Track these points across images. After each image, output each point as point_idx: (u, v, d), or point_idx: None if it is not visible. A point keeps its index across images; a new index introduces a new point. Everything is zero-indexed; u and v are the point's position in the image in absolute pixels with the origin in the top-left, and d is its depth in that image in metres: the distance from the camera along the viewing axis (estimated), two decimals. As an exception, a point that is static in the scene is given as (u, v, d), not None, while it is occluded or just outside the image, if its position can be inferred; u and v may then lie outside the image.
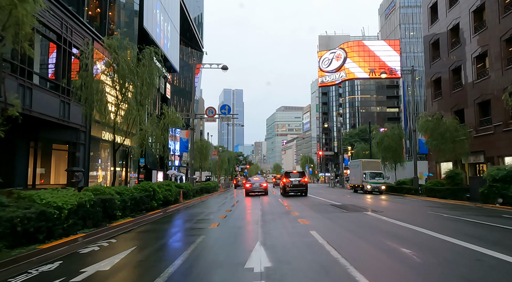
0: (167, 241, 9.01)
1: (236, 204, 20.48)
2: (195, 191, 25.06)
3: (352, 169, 35.54)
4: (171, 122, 21.43)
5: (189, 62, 60.43)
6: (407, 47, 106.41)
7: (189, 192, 22.71)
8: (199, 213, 15.94)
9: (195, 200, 23.21)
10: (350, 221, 11.60)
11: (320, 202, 20.80)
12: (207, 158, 36.55)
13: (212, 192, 33.44)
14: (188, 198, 22.51)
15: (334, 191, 37.49)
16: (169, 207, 16.77)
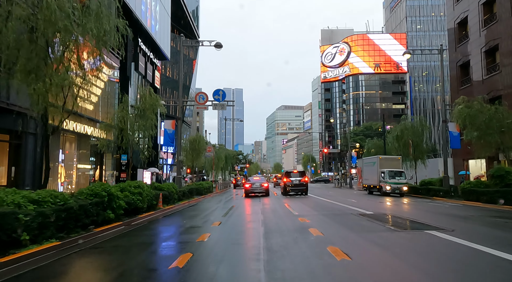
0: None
1: (230, 210, 15.99)
2: (181, 194, 20.58)
3: (366, 167, 31.06)
4: (148, 107, 16.93)
5: (184, 53, 55.97)
6: (414, 40, 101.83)
7: (172, 195, 18.22)
8: (175, 228, 11.52)
9: (181, 205, 18.72)
10: (419, 252, 6.75)
11: (341, 209, 16.25)
12: (200, 155, 32.05)
13: (206, 193, 28.96)
14: (172, 202, 18.01)
15: (345, 193, 33.02)
16: (137, 218, 12.26)
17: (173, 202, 18.29)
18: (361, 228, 9.87)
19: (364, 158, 32.66)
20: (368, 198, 24.52)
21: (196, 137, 32.45)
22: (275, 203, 20.42)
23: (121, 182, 23.40)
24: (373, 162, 29.03)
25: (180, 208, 17.69)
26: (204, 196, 27.38)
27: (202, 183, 28.80)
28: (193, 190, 24.16)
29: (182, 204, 19.02)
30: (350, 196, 27.28)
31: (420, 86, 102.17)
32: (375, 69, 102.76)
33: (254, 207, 17.73)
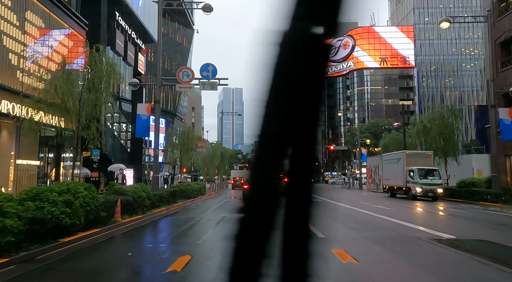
0: None
1: (217, 226, 11.00)
2: (157, 198, 15.60)
3: (387, 165, 26.05)
4: (98, 75, 11.90)
5: (177, 40, 50.99)
6: (421, 33, 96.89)
7: (141, 201, 13.23)
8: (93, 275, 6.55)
9: (153, 214, 13.74)
10: None
11: (388, 225, 11.06)
12: (190, 150, 27.07)
13: (196, 196, 24.00)
14: (140, 211, 13.04)
15: (361, 196, 28.04)
16: (54, 245, 7.26)
17: (142, 211, 13.31)
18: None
19: (384, 154, 27.65)
20: (397, 203, 19.52)
21: (184, 129, 27.43)
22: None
23: (94, 182, 18.49)
24: (397, 158, 24.01)
25: (149, 219, 12.68)
26: (193, 200, 22.42)
27: (190, 184, 23.83)
28: (176, 193, 19.15)
29: (155, 213, 14.02)
30: (371, 200, 22.26)
31: (429, 81, 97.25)
32: (381, 64, 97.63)
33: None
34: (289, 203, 1.27)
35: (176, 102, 50.53)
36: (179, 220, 13.24)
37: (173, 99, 49.73)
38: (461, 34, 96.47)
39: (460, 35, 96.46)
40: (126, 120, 33.29)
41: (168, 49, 48.83)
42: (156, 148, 17.57)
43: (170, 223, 12.45)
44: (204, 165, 37.16)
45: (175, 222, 12.84)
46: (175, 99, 50.25)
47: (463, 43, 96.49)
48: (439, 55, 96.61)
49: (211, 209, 17.09)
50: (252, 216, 1.27)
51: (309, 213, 1.31)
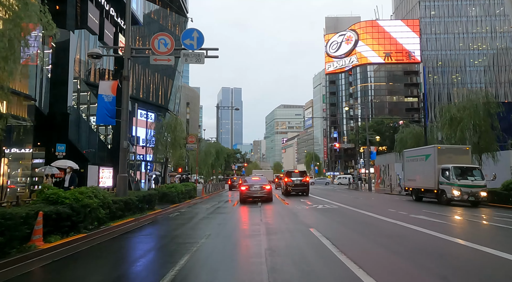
0: None
1: (191, 255, 6.86)
2: (122, 206, 11.52)
3: (411, 163, 21.95)
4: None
5: (168, 28, 46.83)
6: (427, 27, 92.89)
7: (91, 212, 9.17)
8: None
9: (108, 230, 9.65)
10: None
11: (490, 262, 7.04)
12: (177, 146, 22.98)
13: (182, 200, 19.91)
14: (88, 227, 8.96)
15: (378, 199, 23.94)
16: None
17: (90, 226, 9.21)
18: None
19: (406, 150, 23.53)
20: (435, 210, 15.39)
21: (171, 121, 23.31)
22: (288, 221, 11.28)
23: (53, 185, 14.40)
24: (425, 155, 19.90)
25: (93, 241, 8.53)
26: (178, 205, 18.31)
27: (176, 186, 19.70)
28: (153, 198, 15.03)
29: (112, 229, 9.92)
30: (398, 206, 18.11)
31: (435, 77, 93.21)
32: (385, 59, 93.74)
33: (252, 241, 8.54)
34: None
35: (168, 96, 46.40)
36: (138, 242, 9.07)
37: (164, 93, 45.60)
38: (468, 28, 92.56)
39: (467, 29, 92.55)
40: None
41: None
42: (123, 139, 13.46)
43: (120, 249, 8.29)
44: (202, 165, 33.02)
45: (130, 246, 8.66)
46: (166, 92, 46.12)
47: (470, 37, 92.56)
48: (445, 50, 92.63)
49: (196, 218, 12.98)
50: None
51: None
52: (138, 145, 39.69)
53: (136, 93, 39.48)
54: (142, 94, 40.71)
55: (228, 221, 11.90)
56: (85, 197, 9.27)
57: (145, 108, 40.79)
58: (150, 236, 9.74)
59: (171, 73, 47.38)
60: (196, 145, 26.35)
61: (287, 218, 12.34)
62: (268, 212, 14.66)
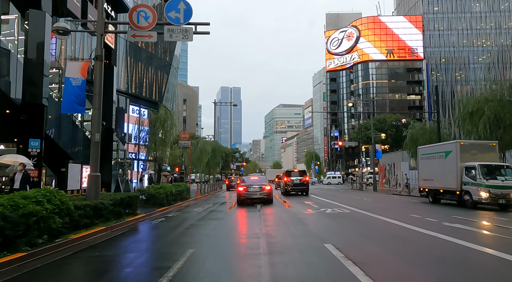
0: None
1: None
2: (90, 212, 9.31)
3: (426, 161, 19.74)
4: None
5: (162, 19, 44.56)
6: (430, 24, 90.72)
7: (45, 220, 6.94)
8: None
9: (61, 246, 7.43)
10: None
11: None
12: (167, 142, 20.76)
13: (171, 203, 17.73)
14: (32, 242, 6.74)
15: (394, 203, 21.75)
16: None
17: (36, 242, 7.01)
18: None
19: (422, 147, 21.28)
20: (466, 214, 13.18)
21: (160, 116, 21.09)
22: (295, 232, 9.06)
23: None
24: (445, 152, 17.69)
25: (25, 268, 6.24)
26: (166, 208, 16.14)
27: (165, 187, 17.47)
28: (134, 202, 12.80)
29: (69, 243, 7.69)
30: (418, 210, 15.91)
31: (438, 75, 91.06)
32: (387, 56, 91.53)
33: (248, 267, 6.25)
34: None
35: (163, 92, 44.15)
36: (86, 266, 6.76)
37: (158, 88, 43.35)
38: (472, 24, 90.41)
39: (471, 26, 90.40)
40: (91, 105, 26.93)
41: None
42: (96, 132, 11.27)
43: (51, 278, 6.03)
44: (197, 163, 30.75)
45: (71, 274, 6.36)
46: (160, 88, 43.87)
47: (475, 34, 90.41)
48: (449, 46, 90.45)
49: (182, 226, 10.77)
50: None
51: None
52: (130, 143, 37.43)
53: (128, 88, 37.26)
54: (134, 89, 38.46)
55: (220, 231, 9.69)
56: (30, 202, 7.06)
57: (137, 103, 38.55)
58: (108, 256, 7.37)
59: (166, 68, 45.15)
60: (189, 142, 24.11)
61: (293, 226, 10.14)
62: (269, 217, 12.47)
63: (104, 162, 25.61)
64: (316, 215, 12.78)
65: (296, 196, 25.17)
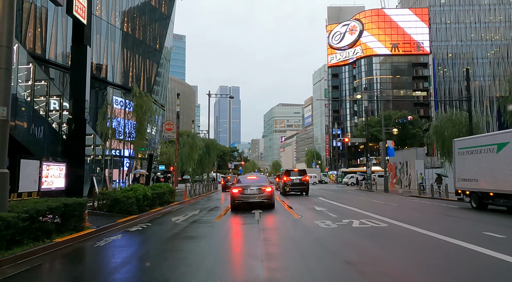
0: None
1: None
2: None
3: (466, 157, 15.80)
4: None
5: (152, 3, 40.58)
6: (437, 17, 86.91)
7: None
8: None
9: None
10: None
11: None
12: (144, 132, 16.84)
13: (147, 209, 13.84)
14: None
15: (426, 210, 17.85)
16: None
17: None
18: None
19: (458, 140, 17.26)
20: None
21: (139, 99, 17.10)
22: (318, 269, 5.10)
23: None
24: (497, 144, 13.71)
25: None
26: (136, 216, 12.23)
27: (137, 189, 13.53)
28: (75, 212, 8.80)
29: None
30: (468, 219, 11.98)
31: (444, 70, 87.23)
32: (392, 50, 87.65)
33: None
34: None
35: (151, 83, 40.16)
36: None
37: (147, 79, 39.36)
38: (481, 17, 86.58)
39: (480, 19, 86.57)
40: (60, 93, 23.03)
41: (140, 14, 38.51)
42: (2, 105, 7.27)
43: None
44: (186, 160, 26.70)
45: None
46: (149, 79, 39.88)
47: (483, 27, 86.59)
48: (456, 40, 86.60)
49: (135, 255, 6.81)
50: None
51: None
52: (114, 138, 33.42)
53: (111, 77, 33.24)
54: (118, 79, 34.45)
55: (192, 267, 5.73)
56: None
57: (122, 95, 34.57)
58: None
59: (155, 56, 41.14)
60: (174, 134, 20.16)
61: (311, 253, 6.26)
62: (272, 236, 8.51)
63: (74, 158, 21.62)
64: (341, 231, 8.82)
65: (300, 198, 21.28)
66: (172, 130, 19.90)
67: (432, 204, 18.05)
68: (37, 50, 21.66)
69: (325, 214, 12.45)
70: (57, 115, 22.64)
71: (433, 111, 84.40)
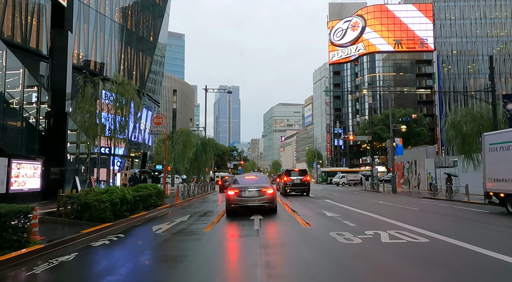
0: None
1: None
2: None
3: (499, 154, 13.60)
4: None
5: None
6: (441, 12, 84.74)
7: None
8: None
9: None
10: None
11: None
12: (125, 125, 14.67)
13: (127, 215, 11.67)
14: None
15: (458, 215, 15.66)
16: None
17: None
18: None
19: (488, 134, 14.99)
20: None
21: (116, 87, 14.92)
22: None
23: None
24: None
25: None
26: (110, 225, 10.03)
27: (113, 191, 11.32)
28: (2, 226, 6.58)
29: None
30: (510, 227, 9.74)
31: (449, 67, 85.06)
32: (395, 47, 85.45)
33: None
34: None
35: (145, 77, 37.94)
36: None
37: (140, 73, 37.14)
38: (486, 13, 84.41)
39: (485, 15, 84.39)
40: (37, 82, 20.83)
41: (132, 3, 36.27)
42: None
43: None
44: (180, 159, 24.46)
45: None
46: (142, 72, 37.65)
47: (489, 23, 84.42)
48: (461, 37, 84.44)
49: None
50: None
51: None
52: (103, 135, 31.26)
53: (100, 69, 31.03)
54: (109, 72, 32.23)
55: None
56: None
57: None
58: None
59: (149, 49, 38.93)
60: (164, 129, 17.92)
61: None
62: (275, 256, 6.29)
63: (52, 156, 19.35)
64: (370, 249, 6.58)
65: (304, 200, 19.10)
66: (162, 124, 17.67)
67: (457, 208, 15.83)
68: (5, 32, 19.42)
69: (340, 222, 10.23)
70: (34, 108, 20.42)
71: (437, 109, 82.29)
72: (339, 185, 51.59)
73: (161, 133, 17.92)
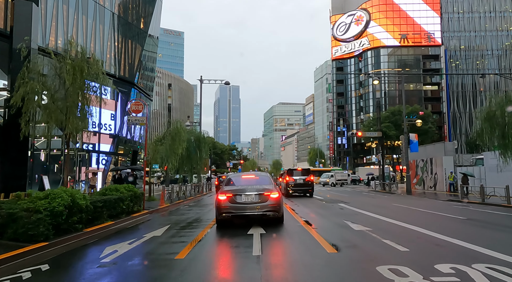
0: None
1: None
2: None
3: None
4: None
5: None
6: (449, 5, 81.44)
7: None
8: None
9: None
10: None
11: None
12: (80, 112, 11.38)
13: (81, 229, 8.42)
14: None
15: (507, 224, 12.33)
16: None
17: None
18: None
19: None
20: None
21: (72, 63, 11.60)
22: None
23: None
24: None
25: None
26: (48, 244, 6.69)
27: (55, 196, 8.16)
28: None
29: None
30: None
31: (457, 63, 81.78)
32: (401, 41, 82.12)
33: None
34: None
35: (134, 68, 34.70)
36: None
37: (128, 63, 33.90)
38: (496, 6, 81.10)
39: (495, 8, 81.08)
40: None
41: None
42: None
43: None
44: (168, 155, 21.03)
45: None
46: (132, 62, 34.42)
47: (498, 17, 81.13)
48: (469, 31, 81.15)
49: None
50: None
51: None
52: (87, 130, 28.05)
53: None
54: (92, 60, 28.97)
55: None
56: None
57: (96, 80, 29.15)
58: None
59: (139, 37, 35.68)
60: (144, 118, 14.69)
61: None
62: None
63: (11, 151, 16.20)
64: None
65: (315, 205, 15.90)
66: (141, 111, 14.45)
67: (504, 214, 12.58)
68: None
69: (379, 243, 6.97)
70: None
71: (445, 106, 79.07)
72: (327, 185, 48.04)
73: (140, 123, 14.69)
